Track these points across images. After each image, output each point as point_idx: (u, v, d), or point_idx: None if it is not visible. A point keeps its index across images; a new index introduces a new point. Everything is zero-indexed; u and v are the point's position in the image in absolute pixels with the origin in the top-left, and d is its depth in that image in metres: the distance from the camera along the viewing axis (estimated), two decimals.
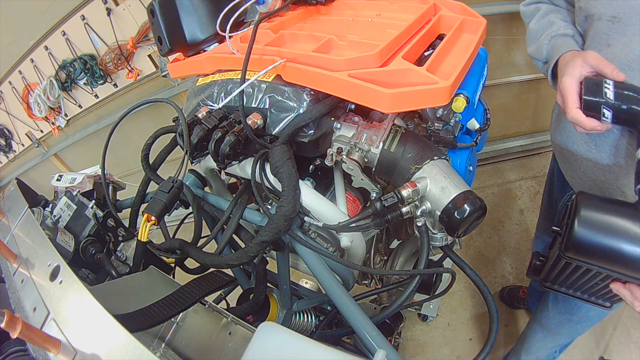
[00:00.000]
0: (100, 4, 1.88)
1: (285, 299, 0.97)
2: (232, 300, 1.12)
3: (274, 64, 0.72)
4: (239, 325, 0.78)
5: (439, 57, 0.73)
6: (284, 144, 0.72)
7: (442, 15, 0.87)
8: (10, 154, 2.86)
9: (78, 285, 0.56)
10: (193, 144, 0.74)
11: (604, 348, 1.69)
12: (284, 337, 0.52)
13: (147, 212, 0.70)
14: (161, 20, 0.89)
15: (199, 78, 0.89)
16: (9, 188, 0.92)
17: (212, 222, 0.94)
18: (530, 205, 2.34)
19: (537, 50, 0.85)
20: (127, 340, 0.47)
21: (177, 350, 0.77)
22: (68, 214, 0.95)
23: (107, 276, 0.94)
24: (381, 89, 0.63)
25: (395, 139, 0.73)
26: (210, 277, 0.83)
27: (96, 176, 1.06)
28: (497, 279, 2.06)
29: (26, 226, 0.76)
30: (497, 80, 2.23)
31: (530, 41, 0.90)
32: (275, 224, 0.67)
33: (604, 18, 0.72)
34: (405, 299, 0.73)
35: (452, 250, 0.81)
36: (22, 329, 0.47)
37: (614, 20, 0.71)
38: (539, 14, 0.89)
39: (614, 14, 0.71)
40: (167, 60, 1.90)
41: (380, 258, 1.07)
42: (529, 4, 0.95)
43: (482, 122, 0.90)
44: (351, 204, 0.87)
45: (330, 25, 0.90)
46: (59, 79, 2.21)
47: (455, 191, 0.66)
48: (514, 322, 1.88)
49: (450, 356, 1.85)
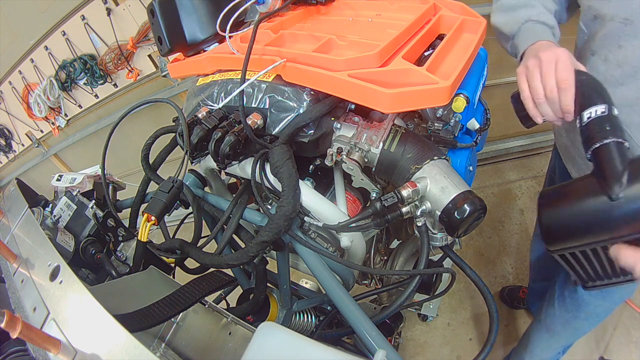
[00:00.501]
0: (100, 4, 1.88)
1: (285, 299, 0.97)
2: (232, 300, 1.12)
3: (274, 64, 0.72)
4: (239, 325, 0.78)
5: (439, 57, 0.73)
6: (284, 144, 0.72)
7: (442, 15, 0.87)
8: (10, 154, 2.86)
9: (78, 285, 0.56)
10: (193, 144, 0.74)
11: (604, 348, 1.69)
12: (284, 337, 0.52)
13: (147, 212, 0.70)
14: (161, 20, 0.89)
15: (199, 78, 0.89)
16: (9, 188, 0.92)
17: (212, 222, 0.94)
18: (530, 205, 2.34)
19: (507, 24, 0.82)
20: (127, 340, 0.47)
21: (177, 350, 0.77)
22: (68, 214, 0.95)
23: (107, 276, 0.94)
24: (381, 89, 0.63)
25: (395, 139, 0.73)
26: (210, 277, 0.83)
27: (96, 176, 1.06)
28: (497, 279, 2.06)
29: (26, 226, 0.76)
30: (497, 80, 2.23)
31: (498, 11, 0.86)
32: (275, 224, 0.67)
33: (616, 19, 0.71)
34: (405, 299, 0.73)
35: (452, 250, 0.81)
36: (22, 329, 0.47)
37: (627, 22, 0.70)
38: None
39: (626, 16, 0.70)
40: (167, 60, 1.90)
41: (380, 258, 1.07)
42: None
43: (482, 122, 0.90)
44: (351, 204, 0.87)
45: (330, 25, 0.90)
46: (59, 79, 2.21)
47: (455, 191, 0.66)
48: (514, 322, 1.88)
49: (450, 356, 1.85)
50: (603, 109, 0.60)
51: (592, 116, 0.60)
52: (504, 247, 2.17)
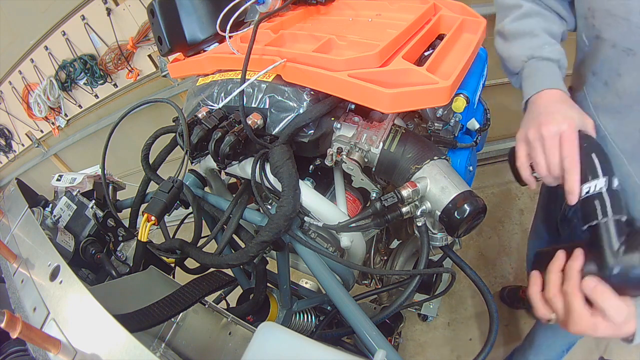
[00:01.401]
0: (100, 4, 1.88)
1: (285, 299, 0.97)
2: (232, 300, 1.12)
3: (274, 64, 0.72)
4: (239, 325, 0.78)
5: (439, 57, 0.73)
6: (284, 144, 0.72)
7: (442, 15, 0.87)
8: (10, 154, 2.86)
9: (78, 285, 0.56)
10: (193, 144, 0.74)
11: (604, 348, 1.69)
12: (284, 337, 0.52)
13: (147, 212, 0.70)
14: (161, 20, 0.89)
15: (199, 78, 0.89)
16: (9, 188, 0.92)
17: (212, 222, 0.94)
18: (530, 205, 2.34)
19: (510, 58, 0.79)
20: (127, 340, 0.47)
21: (177, 350, 0.77)
22: (68, 214, 0.95)
23: (107, 276, 0.94)
24: (381, 89, 0.63)
25: (395, 139, 0.73)
26: (210, 277, 0.83)
27: (96, 176, 1.06)
28: (497, 279, 2.06)
29: (26, 226, 0.76)
30: (497, 80, 2.22)
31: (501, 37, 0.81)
32: (275, 224, 0.67)
33: (619, 47, 0.68)
34: (405, 299, 0.73)
35: (452, 250, 0.81)
36: (22, 329, 0.47)
37: (629, 52, 0.67)
38: (520, 12, 0.78)
39: (629, 46, 0.67)
40: (167, 60, 1.90)
41: (380, 258, 1.07)
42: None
43: (482, 122, 0.90)
44: (351, 204, 0.87)
45: (330, 25, 0.90)
46: (59, 79, 2.21)
47: (455, 191, 0.66)
48: (514, 322, 1.88)
49: (450, 356, 1.85)
50: (602, 183, 0.59)
51: (590, 192, 0.59)
52: (504, 247, 2.17)
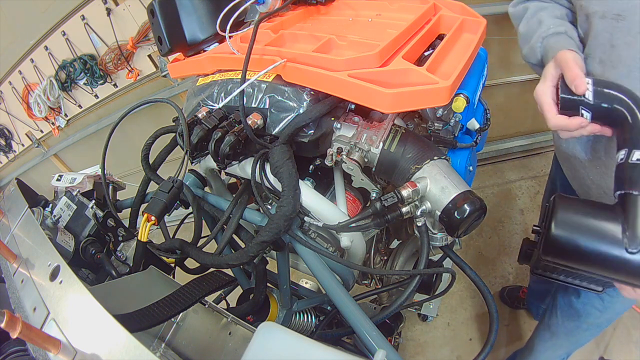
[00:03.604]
0: (100, 4, 1.88)
1: (285, 299, 0.97)
2: (232, 300, 1.12)
3: (274, 64, 0.72)
4: (239, 325, 0.78)
5: (439, 57, 0.73)
6: (284, 144, 0.72)
7: (442, 15, 0.87)
8: (10, 154, 2.86)
9: (78, 285, 0.56)
10: (193, 144, 0.74)
11: (604, 348, 1.69)
12: (284, 337, 0.52)
13: (147, 212, 0.70)
14: (161, 20, 0.89)
15: (199, 78, 0.89)
16: (9, 188, 0.92)
17: (212, 222, 0.94)
18: (530, 205, 2.34)
19: (530, 52, 0.82)
20: (127, 340, 0.47)
21: (177, 350, 0.77)
22: (68, 214, 0.95)
23: (107, 276, 0.94)
24: (381, 89, 0.63)
25: (395, 139, 0.73)
26: (210, 277, 0.83)
27: (96, 176, 1.06)
28: (497, 279, 2.06)
29: (26, 226, 0.76)
30: (497, 80, 2.23)
31: (522, 44, 0.86)
32: (275, 224, 0.67)
33: (608, 16, 0.69)
34: (405, 299, 0.73)
35: (452, 250, 0.81)
36: (22, 329, 0.47)
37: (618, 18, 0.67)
38: (528, 14, 0.84)
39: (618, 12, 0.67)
40: (167, 60, 1.90)
41: (380, 258, 1.07)
42: (517, 4, 0.89)
43: (482, 122, 0.90)
44: (351, 204, 0.87)
45: (330, 25, 0.90)
46: (59, 79, 2.22)
47: (455, 191, 0.66)
48: (514, 322, 1.88)
49: (450, 356, 1.85)
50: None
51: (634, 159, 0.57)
52: (504, 247, 2.17)
